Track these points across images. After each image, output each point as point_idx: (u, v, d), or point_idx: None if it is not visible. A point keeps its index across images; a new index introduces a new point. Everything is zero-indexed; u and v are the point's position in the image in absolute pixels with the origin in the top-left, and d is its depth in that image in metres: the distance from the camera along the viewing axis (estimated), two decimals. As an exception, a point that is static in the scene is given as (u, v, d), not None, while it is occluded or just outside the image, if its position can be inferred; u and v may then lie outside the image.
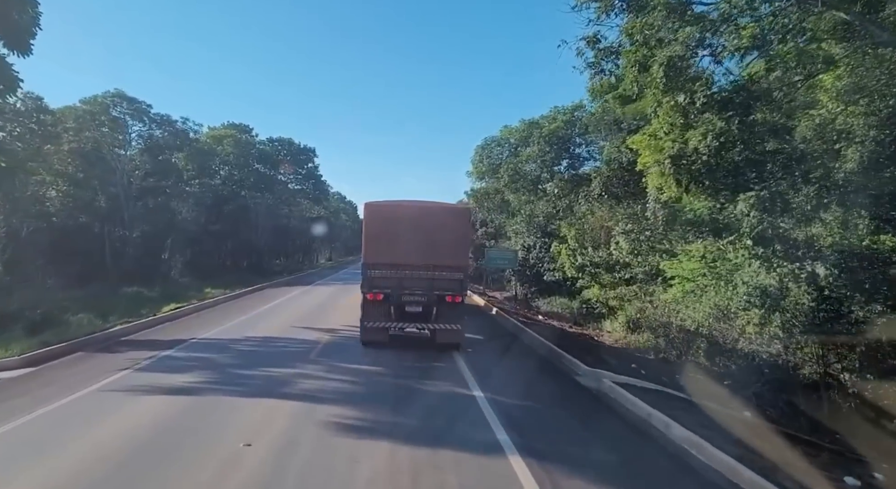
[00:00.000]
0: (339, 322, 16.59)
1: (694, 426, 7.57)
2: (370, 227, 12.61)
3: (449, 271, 12.53)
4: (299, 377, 9.90)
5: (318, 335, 14.23)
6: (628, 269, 22.96)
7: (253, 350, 12.41)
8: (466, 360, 11.90)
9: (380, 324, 12.70)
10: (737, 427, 8.08)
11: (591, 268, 24.01)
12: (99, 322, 16.77)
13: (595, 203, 23.10)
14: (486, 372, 11.01)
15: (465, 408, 8.47)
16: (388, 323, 12.79)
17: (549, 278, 29.82)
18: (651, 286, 21.99)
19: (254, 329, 15.22)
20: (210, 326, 15.57)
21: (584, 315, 24.17)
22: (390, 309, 12.92)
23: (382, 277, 12.47)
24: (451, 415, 8.17)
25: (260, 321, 16.94)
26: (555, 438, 7.38)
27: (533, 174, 32.47)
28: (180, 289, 28.94)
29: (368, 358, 11.85)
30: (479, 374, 10.61)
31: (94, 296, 26.15)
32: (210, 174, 41.31)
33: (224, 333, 14.42)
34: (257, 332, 14.52)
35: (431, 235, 12.30)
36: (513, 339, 15.82)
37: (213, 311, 19.75)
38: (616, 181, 22.50)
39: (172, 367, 10.45)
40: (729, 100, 11.16)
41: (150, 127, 32.98)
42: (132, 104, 31.72)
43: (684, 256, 17.73)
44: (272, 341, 13.43)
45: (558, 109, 34.31)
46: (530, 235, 30.30)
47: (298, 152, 47.38)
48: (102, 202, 33.05)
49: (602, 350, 15.65)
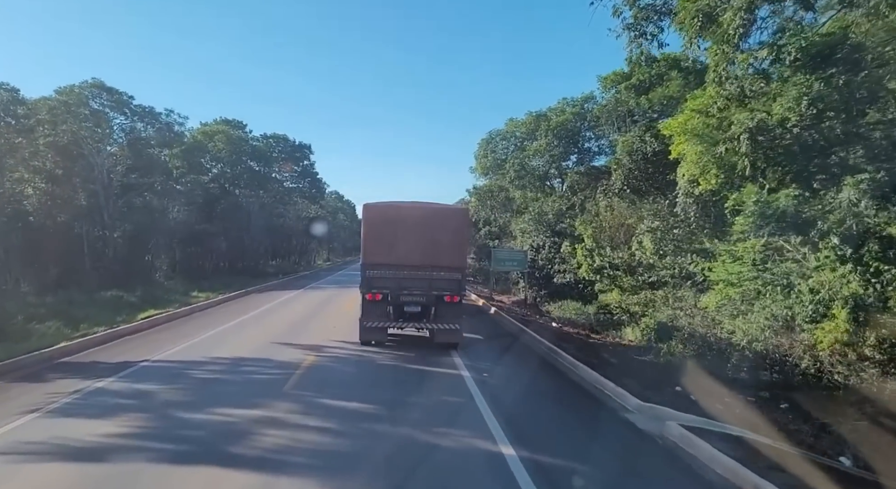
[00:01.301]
0: (328, 336, 13.81)
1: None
2: (369, 227, 12.46)
3: (447, 271, 12.41)
4: (263, 424, 7.11)
5: (301, 355, 11.43)
6: (652, 272, 20.23)
7: (214, 379, 9.61)
8: (484, 391, 9.13)
9: (378, 324, 12.50)
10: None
11: (610, 270, 21.28)
12: (68, 331, 14.37)
13: (615, 198, 20.40)
14: (513, 412, 8.24)
15: (494, 479, 5.73)
16: (386, 323, 12.60)
17: (560, 281, 27.12)
18: (680, 291, 19.28)
19: (225, 346, 12.42)
20: (176, 342, 12.79)
21: (601, 321, 21.44)
22: (389, 309, 12.63)
23: (381, 278, 12.33)
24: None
25: (235, 335, 14.13)
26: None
27: (541, 170, 29.76)
28: (165, 293, 26.19)
29: (360, 389, 9.08)
30: (504, 418, 7.82)
31: (68, 301, 23.31)
32: (201, 171, 38.46)
33: (187, 352, 11.63)
34: (227, 351, 11.71)
35: (430, 236, 12.18)
36: (537, 361, 13.04)
37: (189, 321, 16.97)
38: (639, 174, 19.81)
39: (97, 409, 7.65)
40: (828, 54, 8.39)
41: (132, 120, 30.13)
42: (112, 95, 28.87)
43: (728, 257, 15.00)
44: (242, 364, 10.61)
45: (567, 101, 31.56)
46: (539, 235, 27.56)
47: (293, 149, 44.50)
48: (83, 200, 30.28)
49: (632, 366, 12.88)
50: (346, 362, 11.10)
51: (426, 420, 7.56)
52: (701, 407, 9.49)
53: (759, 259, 14.18)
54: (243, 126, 42.45)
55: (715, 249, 17.43)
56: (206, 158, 39.72)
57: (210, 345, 12.47)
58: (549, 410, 8.77)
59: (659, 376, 12.35)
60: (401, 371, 10.54)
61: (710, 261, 17.33)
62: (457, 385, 9.63)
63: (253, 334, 14.08)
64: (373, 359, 11.51)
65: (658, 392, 10.63)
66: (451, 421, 7.66)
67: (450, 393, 9.14)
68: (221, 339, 13.39)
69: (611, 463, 6.59)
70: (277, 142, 44.02)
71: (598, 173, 23.08)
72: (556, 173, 31.31)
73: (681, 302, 18.96)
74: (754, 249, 14.23)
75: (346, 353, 11.92)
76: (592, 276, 21.38)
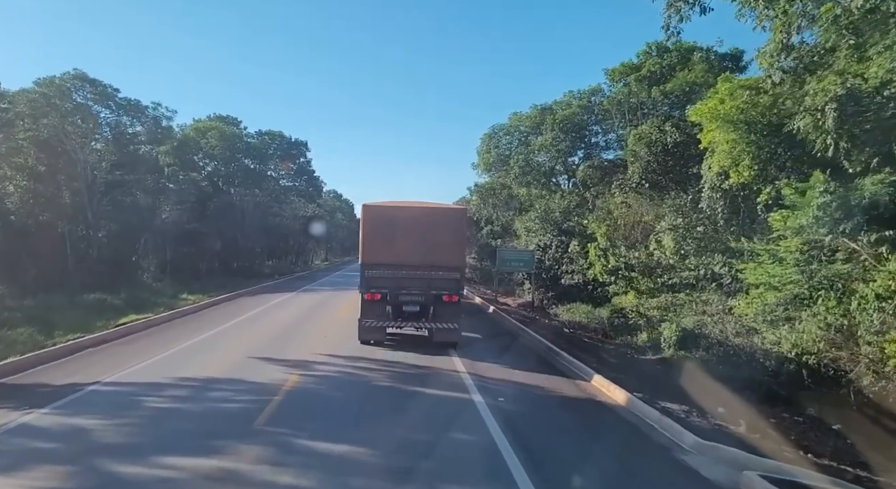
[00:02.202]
0: (317, 348, 11.94)
1: None
2: (368, 227, 12.28)
3: (446, 271, 12.24)
4: (218, 483, 5.27)
5: (282, 374, 9.54)
6: (672, 273, 18.40)
7: (170, 409, 7.73)
8: (506, 427, 7.27)
9: (377, 324, 12.30)
10: None
11: (626, 271, 19.45)
12: (41, 338, 12.74)
13: (631, 194, 18.55)
14: (544, 457, 6.39)
15: None
16: (385, 322, 12.39)
17: (568, 282, 25.28)
18: (705, 294, 17.45)
19: (197, 362, 10.54)
20: (143, 355, 10.92)
21: (615, 326, 19.61)
22: (388, 308, 12.41)
23: (380, 277, 12.15)
24: None
25: (212, 347, 12.23)
26: None
27: (546, 166, 27.92)
28: (152, 296, 24.36)
29: (350, 423, 7.22)
30: (535, 466, 5.98)
31: (48, 304, 21.45)
32: (194, 168, 36.59)
33: (150, 371, 9.74)
34: (198, 369, 9.83)
35: (428, 236, 11.97)
36: (556, 376, 11.18)
37: (166, 329, 15.11)
38: (657, 167, 17.98)
39: (4, 458, 5.80)
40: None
41: (117, 113, 28.18)
42: (95, 87, 26.92)
43: (766, 257, 13.16)
44: (210, 388, 8.72)
45: (573, 94, 29.70)
46: (546, 234, 25.72)
47: (289, 146, 42.54)
48: (67, 198, 28.38)
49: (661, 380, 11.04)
50: (335, 383, 9.24)
51: (436, 472, 5.70)
52: (754, 436, 7.68)
53: (803, 259, 12.35)
54: (238, 122, 40.56)
55: (744, 248, 15.61)
56: (199, 156, 37.85)
57: (180, 361, 10.59)
58: (586, 450, 6.91)
59: (696, 393, 10.54)
60: (400, 395, 8.69)
61: (740, 262, 15.51)
62: (467, 414, 7.79)
63: (232, 346, 12.20)
64: (366, 378, 9.68)
65: (703, 416, 8.84)
66: (468, 471, 5.81)
67: (461, 426, 7.28)
68: (195, 353, 11.51)
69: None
70: (273, 139, 42.07)
71: (613, 167, 21.17)
72: (563, 169, 29.48)
73: (705, 306, 17.16)
74: (798, 248, 12.40)
75: (336, 371, 10.07)
76: (606, 278, 19.54)
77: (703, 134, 14.33)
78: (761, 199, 14.85)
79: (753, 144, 13.60)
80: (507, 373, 10.69)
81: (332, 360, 10.79)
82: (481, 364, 11.21)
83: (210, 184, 37.96)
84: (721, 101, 13.69)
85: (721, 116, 13.45)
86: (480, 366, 11.03)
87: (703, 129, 15.96)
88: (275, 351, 11.54)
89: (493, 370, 10.75)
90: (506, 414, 7.80)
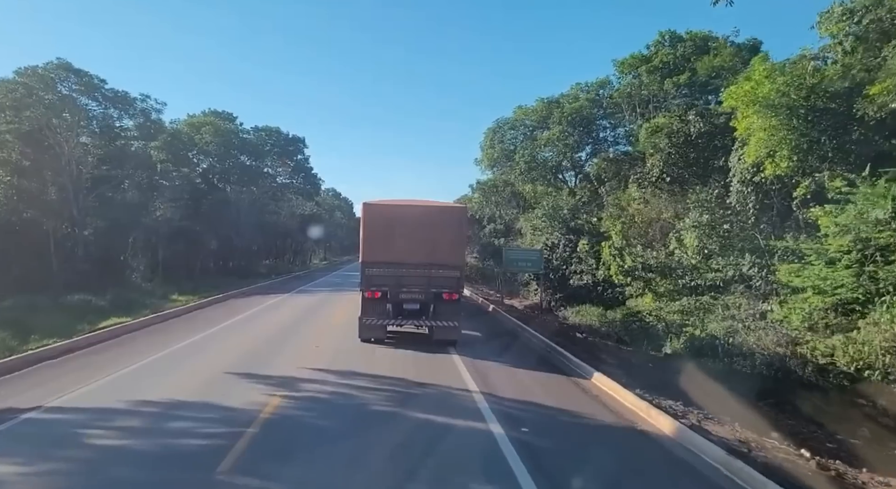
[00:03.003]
0: (306, 361, 10.31)
1: None
2: (368, 226, 12.13)
3: (445, 269, 12.08)
4: None
5: (262, 396, 7.90)
6: (694, 274, 16.82)
7: (116, 447, 6.09)
8: (531, 466, 5.69)
9: (378, 322, 12.15)
10: None
11: (643, 272, 17.87)
12: (14, 343, 11.55)
13: (650, 189, 16.92)
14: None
15: None
16: (386, 320, 12.26)
17: (577, 283, 23.70)
18: (732, 297, 15.86)
19: (165, 379, 8.91)
20: (103, 371, 9.28)
21: (631, 331, 18.05)
22: (388, 306, 12.33)
23: (380, 275, 12.00)
24: None
25: (185, 360, 10.52)
26: None
27: (554, 161, 26.30)
28: (140, 297, 22.82)
29: (340, 468, 5.62)
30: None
31: (29, 306, 19.84)
32: (187, 165, 34.93)
33: (106, 392, 8.10)
34: (163, 389, 8.19)
35: (428, 234, 11.87)
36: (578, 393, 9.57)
37: (143, 336, 13.46)
38: (679, 160, 16.36)
39: None
40: None
41: (104, 106, 26.49)
42: (80, 77, 25.24)
43: (813, 257, 11.56)
44: (172, 416, 7.09)
45: (581, 86, 28.06)
46: (554, 232, 24.13)
47: (286, 142, 40.77)
48: (53, 194, 26.73)
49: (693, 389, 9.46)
50: (323, 408, 7.62)
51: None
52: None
53: (855, 259, 10.78)
54: (233, 118, 38.88)
55: (778, 247, 14.04)
56: (193, 152, 36.16)
57: (146, 378, 8.97)
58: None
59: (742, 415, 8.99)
60: (402, 425, 7.07)
61: (775, 262, 13.93)
62: (486, 452, 6.17)
63: (210, 359, 10.55)
64: (361, 401, 8.05)
65: (764, 449, 7.24)
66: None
67: (480, 472, 5.68)
68: (166, 367, 9.88)
69: None
70: (269, 135, 40.34)
71: (630, 160, 19.52)
72: (570, 165, 27.88)
73: (733, 310, 15.58)
74: (848, 247, 10.82)
75: (325, 391, 8.44)
76: (622, 279, 17.95)
77: (739, 121, 12.73)
78: (798, 193, 13.26)
79: (795, 131, 12.02)
80: (524, 389, 9.09)
81: (323, 377, 9.16)
82: (494, 379, 9.62)
83: (204, 180, 36.32)
84: (759, 83, 12.09)
85: (760, 100, 11.85)
86: (493, 381, 9.44)
87: (735, 116, 14.38)
88: (257, 365, 9.89)
89: (509, 387, 9.15)
90: (532, 451, 6.19)
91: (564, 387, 9.60)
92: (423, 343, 12.42)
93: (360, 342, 12.27)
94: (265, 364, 10.01)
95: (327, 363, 10.18)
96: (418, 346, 12.08)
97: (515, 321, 16.94)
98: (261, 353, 11.11)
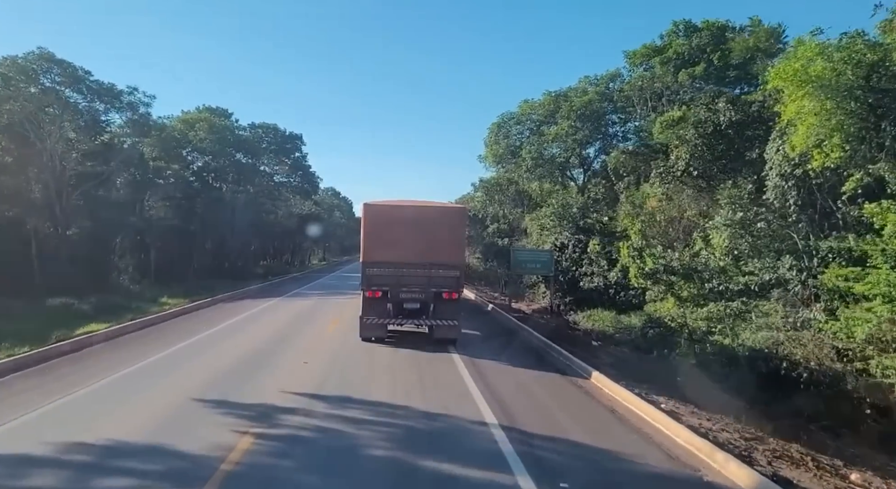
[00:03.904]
0: (290, 383, 8.54)
1: None
2: (369, 226, 12.14)
3: (445, 269, 12.08)
4: None
5: (229, 435, 6.19)
6: (723, 277, 15.14)
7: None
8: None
9: (379, 321, 12.09)
10: None
11: (665, 274, 16.17)
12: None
13: (674, 183, 15.21)
14: None
15: None
16: (386, 319, 12.23)
17: (588, 285, 22.01)
18: (767, 303, 14.19)
19: (116, 409, 7.20)
20: (43, 398, 7.53)
21: (650, 338, 16.40)
22: (389, 306, 12.29)
23: (381, 275, 12.00)
24: None
25: (147, 382, 8.72)
26: None
27: (563, 156, 24.61)
28: (127, 300, 21.17)
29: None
30: None
31: (4, 311, 18.20)
32: (181, 162, 33.23)
33: (32, 430, 6.35)
34: (110, 423, 6.50)
35: (428, 234, 11.87)
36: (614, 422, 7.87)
37: (110, 349, 11.70)
38: (706, 152, 14.66)
39: None
40: None
41: (89, 98, 24.74)
42: (64, 68, 23.50)
43: (881, 259, 9.86)
44: (108, 467, 5.33)
45: (589, 79, 26.38)
46: (563, 231, 22.44)
47: (283, 140, 38.93)
48: (37, 192, 25.05)
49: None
50: (306, 453, 5.91)
51: None
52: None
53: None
54: (229, 115, 37.13)
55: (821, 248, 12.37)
56: (187, 149, 34.42)
57: (89, 409, 7.24)
58: None
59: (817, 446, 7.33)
60: (407, 478, 5.38)
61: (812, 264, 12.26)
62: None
63: (176, 381, 8.79)
64: (355, 441, 6.32)
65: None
66: None
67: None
68: (121, 392, 8.12)
69: None
70: (266, 132, 38.54)
71: (652, 153, 17.77)
72: (578, 162, 26.18)
73: (766, 318, 13.91)
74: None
75: (311, 426, 6.71)
76: (641, 282, 16.26)
77: (786, 105, 11.03)
78: (848, 187, 11.58)
79: (853, 116, 10.35)
80: (550, 420, 7.42)
81: (308, 406, 7.44)
82: (511, 403, 7.94)
83: (198, 179, 34.59)
84: (810, 60, 10.41)
85: (813, 79, 10.17)
86: (512, 408, 7.76)
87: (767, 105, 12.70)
88: (232, 388, 8.16)
89: (532, 417, 7.47)
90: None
91: (597, 416, 7.90)
92: (429, 360, 10.78)
93: (357, 355, 10.65)
94: (241, 387, 8.28)
95: (316, 385, 8.48)
96: (423, 365, 10.42)
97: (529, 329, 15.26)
98: (239, 372, 9.38)
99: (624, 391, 8.76)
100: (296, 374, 9.17)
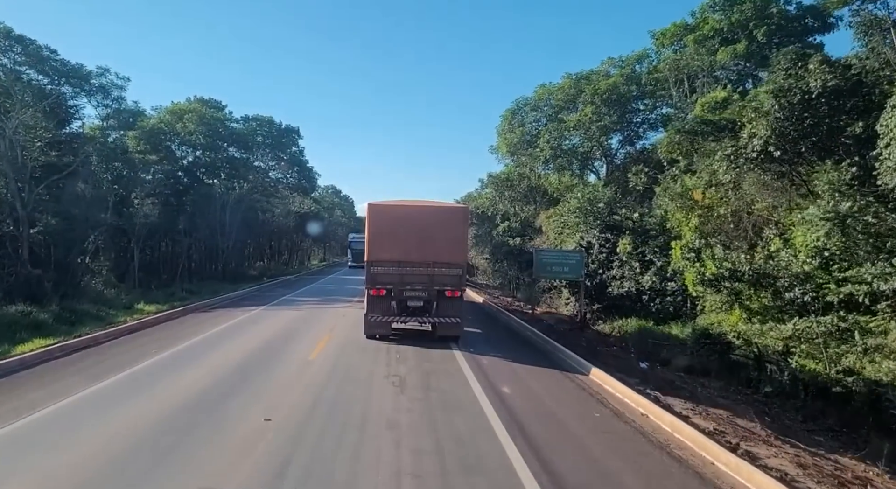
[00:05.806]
0: (241, 459, 5.19)
1: None
2: (373, 226, 12.01)
3: (448, 267, 12.01)
4: None
5: None
6: (808, 285, 11.73)
7: None
8: None
9: (383, 319, 12.01)
10: None
11: (730, 281, 12.81)
12: None
13: (747, 167, 11.75)
14: None
15: None
16: (390, 317, 12.07)
17: (618, 291, 18.67)
18: (875, 320, 10.77)
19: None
20: None
21: (703, 355, 13.05)
22: (392, 304, 12.00)
23: (385, 274, 11.94)
24: None
25: (37, 447, 5.47)
26: None
27: (586, 146, 21.23)
28: (96, 307, 17.99)
29: None
30: None
31: (-51, 321, 14.88)
32: (168, 155, 29.88)
33: None
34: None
35: (430, 233, 11.84)
36: None
37: (35, 379, 8.35)
38: (791, 129, 11.22)
39: None
40: None
41: (54, 80, 21.36)
42: (25, 46, 20.14)
43: None
44: None
45: (613, 61, 23.03)
46: (590, 229, 19.08)
47: (279, 134, 35.50)
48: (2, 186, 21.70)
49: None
50: None
51: None
52: None
53: None
54: (222, 107, 33.75)
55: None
56: (176, 142, 31.06)
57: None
58: None
59: None
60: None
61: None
62: None
63: (103, 430, 5.40)
64: None
65: None
66: None
67: None
68: (21, 452, 4.76)
69: None
70: (261, 125, 35.11)
71: (716, 131, 14.24)
72: (600, 153, 22.79)
73: (876, 338, 10.53)
74: None
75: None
76: (700, 290, 12.88)
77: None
78: None
79: None
80: None
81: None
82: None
83: (187, 174, 31.23)
84: None
85: None
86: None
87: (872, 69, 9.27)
88: (153, 465, 4.76)
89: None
90: None
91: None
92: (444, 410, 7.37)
93: (347, 403, 7.28)
94: (168, 463, 4.84)
95: (276, 468, 5.03)
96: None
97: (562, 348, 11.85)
98: (173, 432, 5.83)
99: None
100: (250, 441, 5.71)
